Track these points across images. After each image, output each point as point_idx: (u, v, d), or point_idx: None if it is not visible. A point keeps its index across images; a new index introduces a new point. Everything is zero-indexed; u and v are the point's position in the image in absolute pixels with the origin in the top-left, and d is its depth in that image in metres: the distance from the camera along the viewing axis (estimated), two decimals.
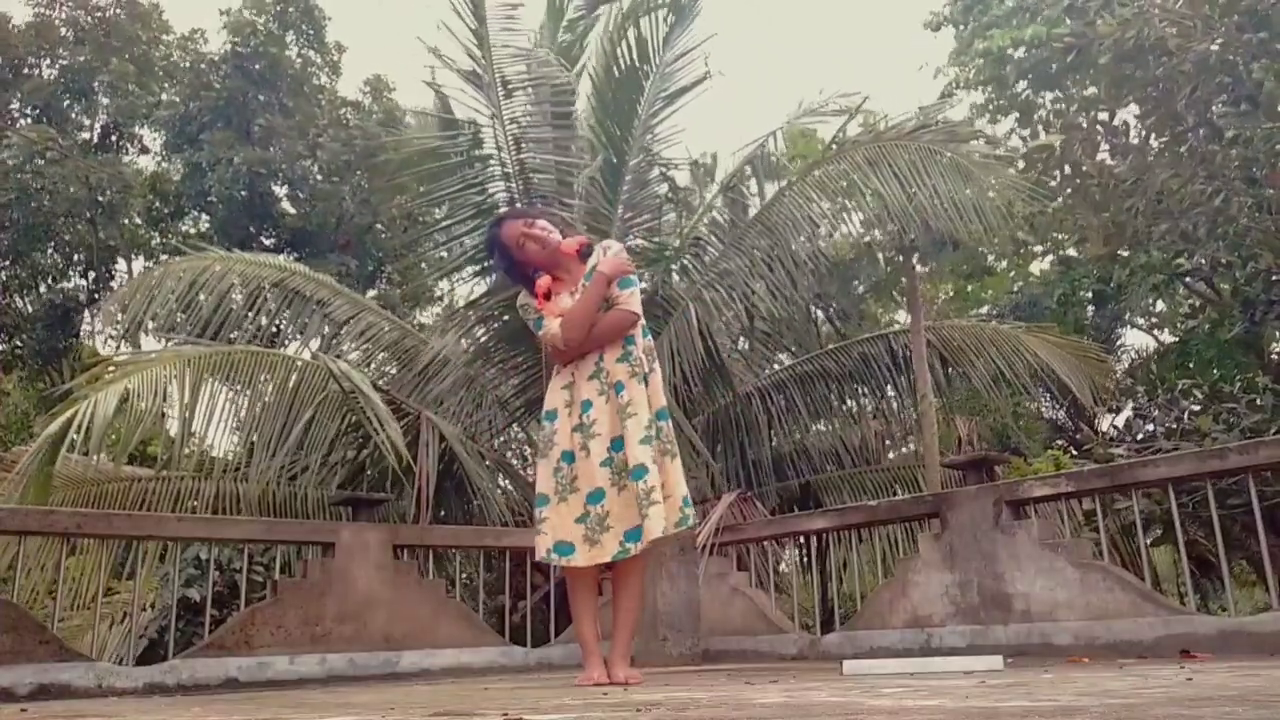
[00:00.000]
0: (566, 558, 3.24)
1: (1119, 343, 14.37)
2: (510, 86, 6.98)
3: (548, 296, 3.37)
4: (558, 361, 3.45)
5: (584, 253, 3.43)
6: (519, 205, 3.18)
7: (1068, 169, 8.03)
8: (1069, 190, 8.25)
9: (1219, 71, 7.10)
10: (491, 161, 7.21)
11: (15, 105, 15.66)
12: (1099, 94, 8.44)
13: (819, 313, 9.73)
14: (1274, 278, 8.27)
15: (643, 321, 3.42)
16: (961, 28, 13.12)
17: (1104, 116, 8.13)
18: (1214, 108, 7.42)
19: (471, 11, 6.77)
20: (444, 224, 7.68)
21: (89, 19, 16.03)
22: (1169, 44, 7.16)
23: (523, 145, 7.11)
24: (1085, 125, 7.96)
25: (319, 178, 15.36)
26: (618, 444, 3.24)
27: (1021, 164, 7.69)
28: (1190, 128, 7.54)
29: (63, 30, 15.99)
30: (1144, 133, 7.97)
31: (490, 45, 6.90)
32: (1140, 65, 7.49)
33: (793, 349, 8.98)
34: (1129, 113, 8.48)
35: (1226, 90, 7.22)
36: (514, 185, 7.20)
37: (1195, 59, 7.03)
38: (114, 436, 5.90)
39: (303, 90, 15.95)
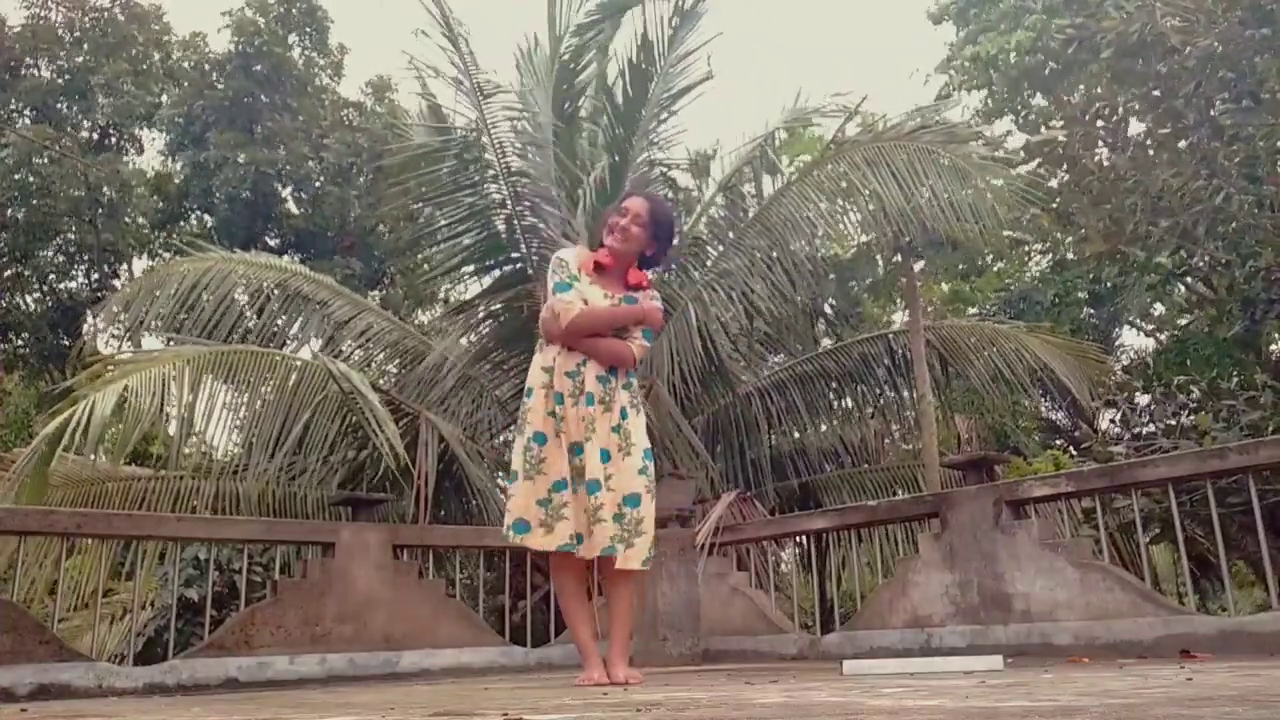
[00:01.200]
0: (521, 536, 3.31)
1: (1117, 343, 14.37)
2: (486, 91, 7.04)
3: (596, 267, 3.44)
4: (543, 335, 3.48)
5: (633, 284, 3.51)
6: (668, 209, 3.24)
7: (1067, 165, 8.02)
8: (1071, 185, 8.22)
9: (1221, 67, 7.08)
10: (480, 164, 7.24)
11: (13, 106, 15.62)
12: (1099, 91, 8.42)
13: (818, 313, 9.73)
14: (1274, 276, 8.25)
15: (634, 370, 3.48)
16: (960, 27, 13.12)
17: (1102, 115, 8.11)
18: (1215, 104, 7.39)
19: (443, 20, 6.84)
20: (442, 224, 7.70)
21: (85, 20, 16.00)
22: (1171, 40, 7.15)
23: (507, 148, 7.15)
24: (1085, 121, 7.92)
25: (322, 179, 15.35)
26: (578, 449, 3.30)
27: (1023, 155, 7.67)
28: (1191, 125, 7.51)
29: (59, 31, 15.95)
30: (1145, 129, 7.95)
31: (464, 52, 6.97)
32: (1143, 60, 7.47)
33: (792, 349, 8.97)
34: (1129, 110, 8.46)
35: (1228, 86, 7.19)
36: (504, 187, 7.22)
37: (1198, 55, 7.02)
38: (113, 437, 5.91)
39: (306, 91, 15.94)
